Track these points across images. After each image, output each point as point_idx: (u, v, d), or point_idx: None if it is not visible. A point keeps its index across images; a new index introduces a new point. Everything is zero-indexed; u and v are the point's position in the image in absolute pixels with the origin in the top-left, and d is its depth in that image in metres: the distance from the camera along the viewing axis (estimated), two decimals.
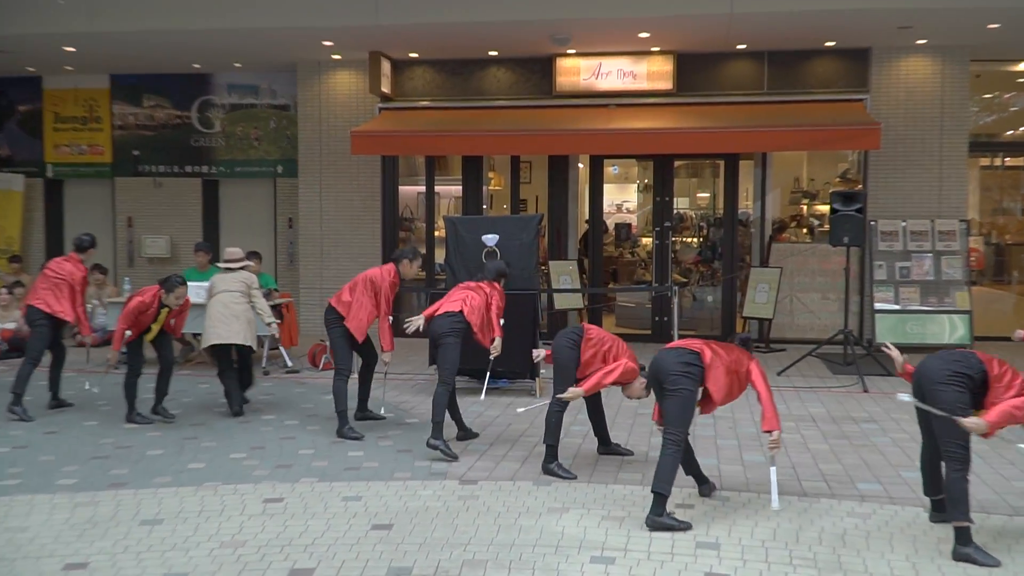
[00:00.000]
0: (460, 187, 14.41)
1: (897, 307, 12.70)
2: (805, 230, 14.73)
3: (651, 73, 13.31)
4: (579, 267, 13.77)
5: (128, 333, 8.38)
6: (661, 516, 5.59)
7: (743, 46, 13.06)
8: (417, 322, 7.65)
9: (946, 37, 12.50)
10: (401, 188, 14.57)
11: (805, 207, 15.24)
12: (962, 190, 13.06)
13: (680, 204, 15.77)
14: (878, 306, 12.72)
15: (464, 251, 9.84)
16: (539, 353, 7.08)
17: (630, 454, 7.34)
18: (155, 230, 15.71)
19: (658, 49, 13.15)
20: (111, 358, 8.50)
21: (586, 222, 14.60)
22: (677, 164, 14.45)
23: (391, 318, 8.10)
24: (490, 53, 13.53)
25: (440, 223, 13.99)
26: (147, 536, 5.54)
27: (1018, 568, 5.09)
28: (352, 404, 8.67)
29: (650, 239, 14.37)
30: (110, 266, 15.49)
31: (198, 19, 12.25)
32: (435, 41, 12.79)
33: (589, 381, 6.60)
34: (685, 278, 14.86)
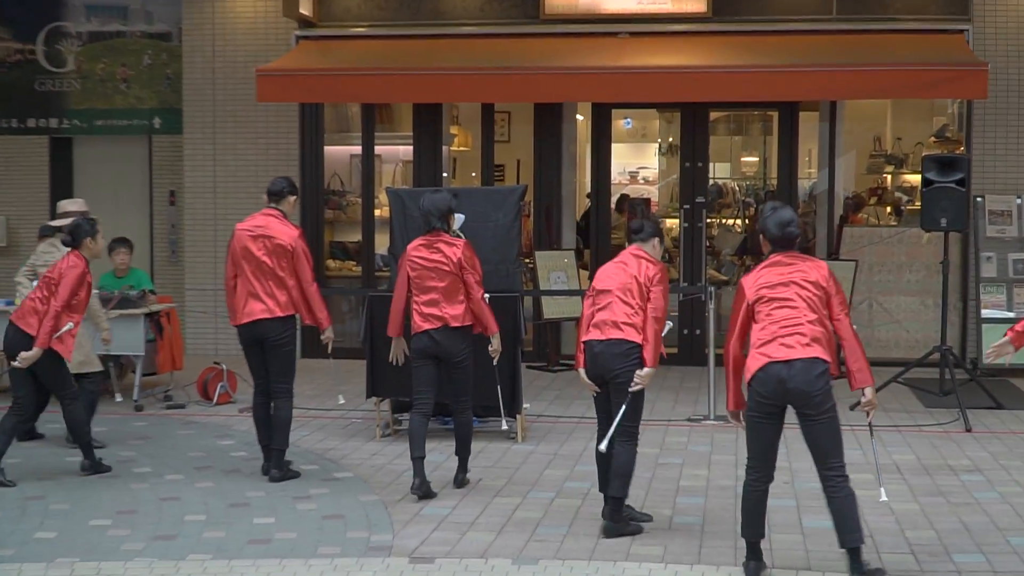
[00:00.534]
0: (410, 148, 14.44)
1: (1011, 315, 12.82)
2: (888, 209, 14.87)
3: None
4: (577, 260, 13.84)
5: (70, 326, 8.50)
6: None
7: None
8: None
9: None
10: (328, 149, 14.58)
11: (889, 177, 15.38)
12: None
13: (718, 172, 15.88)
14: (986, 313, 12.84)
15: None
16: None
17: (648, 520, 7.43)
18: None
19: None
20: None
21: (587, 197, 14.67)
22: (714, 117, 14.52)
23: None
24: None
25: (382, 197, 14.03)
26: None
27: None
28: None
29: (676, 221, 14.47)
30: None
31: None
32: None
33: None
34: (725, 276, 14.97)
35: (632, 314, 7.09)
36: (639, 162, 17.50)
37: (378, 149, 14.55)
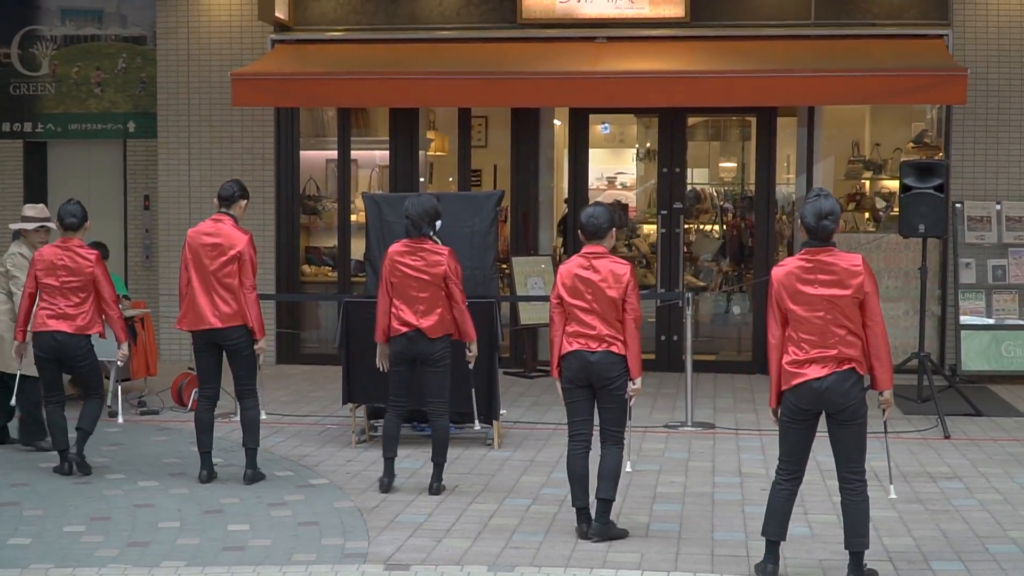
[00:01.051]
0: (387, 152, 14.45)
1: (990, 321, 12.90)
2: (867, 214, 14.93)
3: None
4: (554, 266, 13.86)
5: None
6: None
7: None
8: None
9: None
10: (303, 154, 14.59)
11: (867, 183, 15.44)
12: None
13: (696, 177, 15.93)
14: (965, 320, 12.91)
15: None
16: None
17: (623, 536, 7.41)
18: None
19: None
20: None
21: (565, 202, 14.70)
22: (691, 122, 14.57)
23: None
24: None
25: (358, 202, 14.03)
26: None
27: None
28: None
29: (653, 226, 14.51)
30: None
31: None
32: None
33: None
34: (702, 281, 15.02)
35: (617, 330, 7.16)
36: (617, 167, 17.51)
37: (354, 154, 14.55)
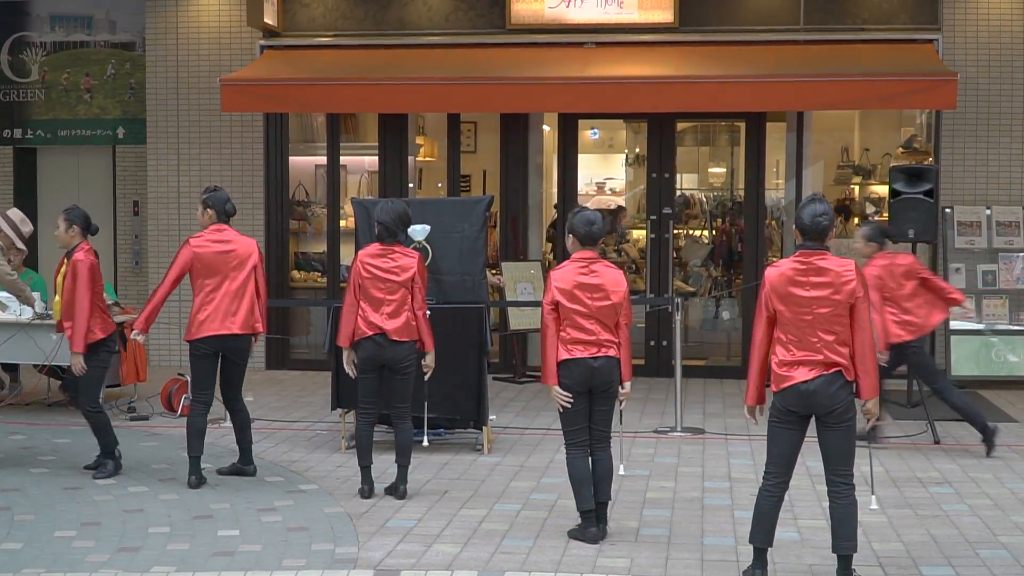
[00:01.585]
0: (376, 158, 14.47)
1: (980, 326, 12.95)
2: (856, 220, 14.97)
3: None
4: (544, 271, 13.89)
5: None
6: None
7: None
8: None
9: None
10: (292, 160, 14.60)
11: (856, 188, 15.49)
12: None
13: (685, 183, 15.97)
14: (954, 325, 12.96)
15: None
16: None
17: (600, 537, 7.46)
18: None
19: None
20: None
21: (554, 207, 14.73)
22: (681, 127, 14.60)
23: None
24: None
25: (347, 208, 14.05)
26: None
27: None
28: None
29: (643, 232, 14.54)
30: None
31: None
32: None
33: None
34: (692, 287, 15.05)
35: (614, 335, 7.27)
36: (606, 172, 17.54)
37: (343, 159, 14.57)
